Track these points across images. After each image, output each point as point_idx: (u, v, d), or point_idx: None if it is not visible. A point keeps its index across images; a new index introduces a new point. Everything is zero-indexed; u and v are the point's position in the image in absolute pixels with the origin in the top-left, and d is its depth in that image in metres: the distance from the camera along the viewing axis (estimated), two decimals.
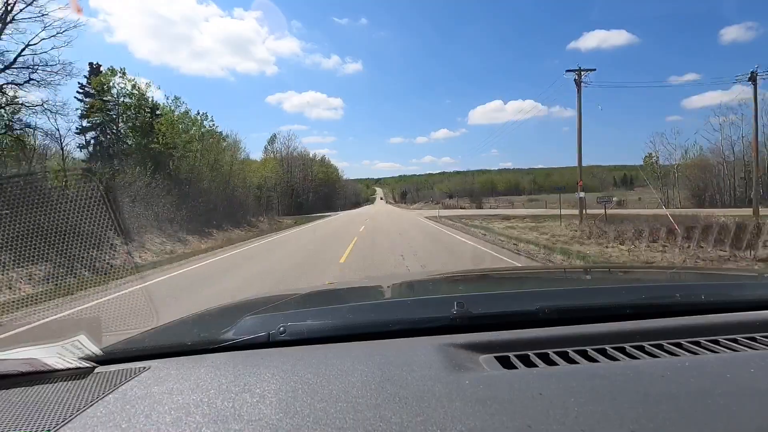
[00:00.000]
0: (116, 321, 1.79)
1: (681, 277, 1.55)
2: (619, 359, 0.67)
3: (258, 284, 7.19)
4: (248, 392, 0.60)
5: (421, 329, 0.82)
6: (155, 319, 1.65)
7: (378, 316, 0.94)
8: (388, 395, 0.56)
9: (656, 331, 0.77)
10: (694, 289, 1.10)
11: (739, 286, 1.18)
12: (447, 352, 0.70)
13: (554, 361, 0.68)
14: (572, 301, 0.96)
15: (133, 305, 2.58)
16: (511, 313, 0.88)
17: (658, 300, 0.96)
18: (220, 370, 0.68)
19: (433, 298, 1.12)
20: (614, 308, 0.88)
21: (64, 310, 4.50)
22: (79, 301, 4.93)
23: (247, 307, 1.12)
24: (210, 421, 0.53)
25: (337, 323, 0.86)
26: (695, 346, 0.72)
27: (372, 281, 2.08)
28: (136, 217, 14.52)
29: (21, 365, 0.70)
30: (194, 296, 6.39)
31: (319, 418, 0.52)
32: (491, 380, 0.60)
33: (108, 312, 3.35)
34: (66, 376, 0.71)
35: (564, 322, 0.82)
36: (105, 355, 0.79)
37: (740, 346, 0.71)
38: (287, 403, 0.56)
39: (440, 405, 0.53)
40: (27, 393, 0.65)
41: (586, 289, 1.22)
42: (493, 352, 0.71)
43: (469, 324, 0.81)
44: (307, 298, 1.31)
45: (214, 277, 8.39)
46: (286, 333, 0.80)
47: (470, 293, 1.23)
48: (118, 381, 0.67)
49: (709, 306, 0.90)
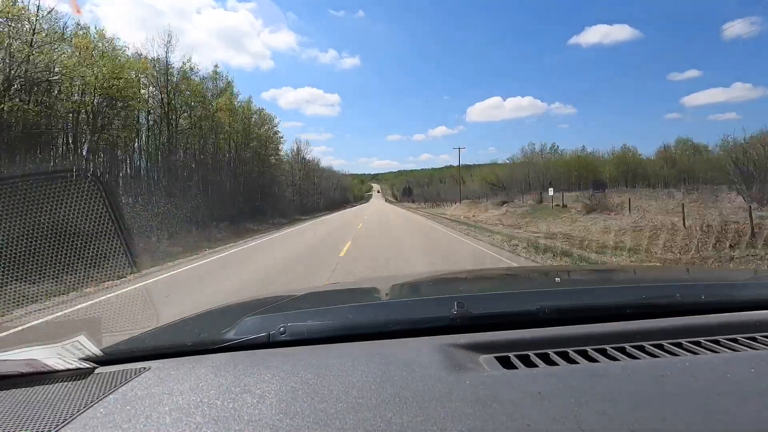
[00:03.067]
0: (116, 321, 1.79)
1: (681, 277, 1.55)
2: (620, 359, 0.67)
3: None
4: (248, 393, 0.60)
5: (421, 329, 0.82)
6: (155, 319, 1.65)
7: (378, 316, 0.94)
8: (389, 395, 0.56)
9: (656, 331, 0.77)
10: (694, 289, 1.10)
11: (739, 286, 1.18)
12: (447, 352, 0.70)
13: (554, 361, 0.68)
14: (572, 301, 0.96)
15: (134, 305, 2.58)
16: (511, 313, 0.88)
17: (658, 300, 0.96)
18: (221, 371, 0.68)
19: (433, 298, 1.12)
20: (614, 308, 0.88)
21: (65, 309, 4.50)
22: (79, 301, 4.93)
23: (248, 307, 1.12)
24: (210, 421, 0.53)
25: (337, 323, 0.86)
26: (695, 346, 0.72)
27: (372, 282, 2.08)
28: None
29: (21, 366, 0.70)
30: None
31: (320, 418, 0.52)
32: (491, 380, 0.60)
33: (108, 312, 3.35)
34: (66, 376, 0.71)
35: (564, 322, 0.82)
36: (105, 355, 0.79)
37: (740, 346, 0.71)
38: (287, 404, 0.56)
39: (440, 405, 0.53)
40: (27, 394, 0.65)
41: (587, 289, 1.22)
42: (494, 352, 0.71)
43: (469, 324, 0.81)
44: (308, 299, 1.31)
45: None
46: (287, 333, 0.80)
47: (470, 293, 1.23)
48: (118, 381, 0.67)
49: (709, 306, 0.90)
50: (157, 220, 14.50)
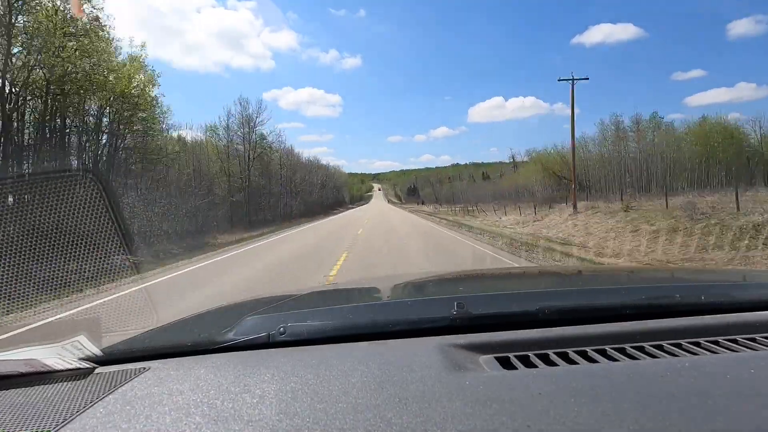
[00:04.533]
0: (116, 321, 1.79)
1: (681, 278, 1.55)
2: (620, 360, 0.67)
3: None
4: (248, 393, 0.60)
5: (421, 330, 0.82)
6: (155, 319, 1.65)
7: (378, 316, 0.94)
8: (389, 396, 0.56)
9: (656, 332, 0.77)
10: (694, 290, 1.10)
11: (739, 287, 1.18)
12: (447, 352, 0.70)
13: (554, 361, 0.68)
14: (572, 302, 0.96)
15: (133, 305, 2.58)
16: (511, 313, 0.88)
17: (658, 300, 0.96)
18: (220, 371, 0.68)
19: (433, 298, 1.12)
20: (614, 309, 0.88)
21: (66, 310, 4.50)
22: (81, 301, 4.93)
23: (248, 307, 1.12)
24: (210, 421, 0.53)
25: (337, 324, 0.86)
26: (695, 346, 0.72)
27: (372, 282, 2.08)
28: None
29: (21, 366, 0.70)
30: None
31: (320, 418, 0.52)
32: (491, 381, 0.60)
33: (108, 312, 3.36)
34: (66, 376, 0.71)
35: (564, 323, 0.82)
36: (105, 355, 0.79)
37: (740, 346, 0.71)
38: (287, 404, 0.56)
39: (440, 405, 0.53)
40: (27, 393, 0.65)
41: (587, 289, 1.22)
42: (494, 352, 0.71)
43: (469, 324, 0.81)
44: (308, 299, 1.31)
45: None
46: (287, 333, 0.80)
47: (470, 294, 1.23)
48: (118, 381, 0.67)
49: (709, 306, 0.90)
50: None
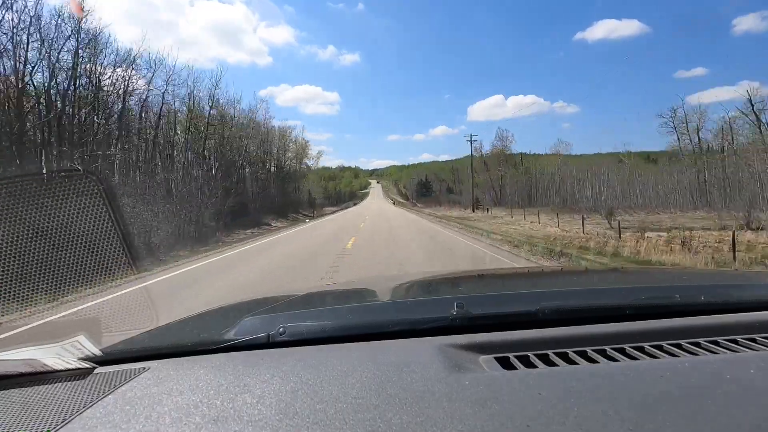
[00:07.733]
0: (116, 321, 1.79)
1: (681, 278, 1.55)
2: (619, 360, 0.67)
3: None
4: (248, 393, 0.60)
5: (420, 330, 0.82)
6: (155, 319, 1.64)
7: (378, 317, 0.94)
8: (388, 396, 0.56)
9: (656, 332, 0.77)
10: (693, 290, 1.10)
11: (739, 287, 1.18)
12: (447, 352, 0.70)
13: (554, 361, 0.68)
14: (572, 302, 0.96)
15: (133, 305, 2.58)
16: (510, 313, 0.88)
17: (657, 301, 0.96)
18: (220, 371, 0.68)
19: (432, 299, 1.12)
20: (614, 309, 0.88)
21: (65, 310, 4.49)
22: (81, 301, 4.92)
23: (247, 307, 1.12)
24: (209, 421, 0.53)
25: (337, 324, 0.86)
26: (695, 346, 0.72)
27: (372, 282, 2.08)
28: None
29: (20, 366, 0.70)
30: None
31: (319, 419, 0.52)
32: (491, 381, 0.60)
33: (108, 312, 3.35)
34: (65, 376, 0.71)
35: (564, 323, 0.82)
36: (104, 355, 0.79)
37: (740, 346, 0.71)
38: (287, 404, 0.56)
39: (440, 406, 0.53)
40: (26, 393, 0.65)
41: (586, 289, 1.22)
42: (493, 352, 0.71)
43: (468, 325, 0.81)
44: (307, 299, 1.31)
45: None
46: (286, 334, 0.80)
47: (470, 294, 1.23)
48: (117, 382, 0.67)
49: (708, 307, 0.90)
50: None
